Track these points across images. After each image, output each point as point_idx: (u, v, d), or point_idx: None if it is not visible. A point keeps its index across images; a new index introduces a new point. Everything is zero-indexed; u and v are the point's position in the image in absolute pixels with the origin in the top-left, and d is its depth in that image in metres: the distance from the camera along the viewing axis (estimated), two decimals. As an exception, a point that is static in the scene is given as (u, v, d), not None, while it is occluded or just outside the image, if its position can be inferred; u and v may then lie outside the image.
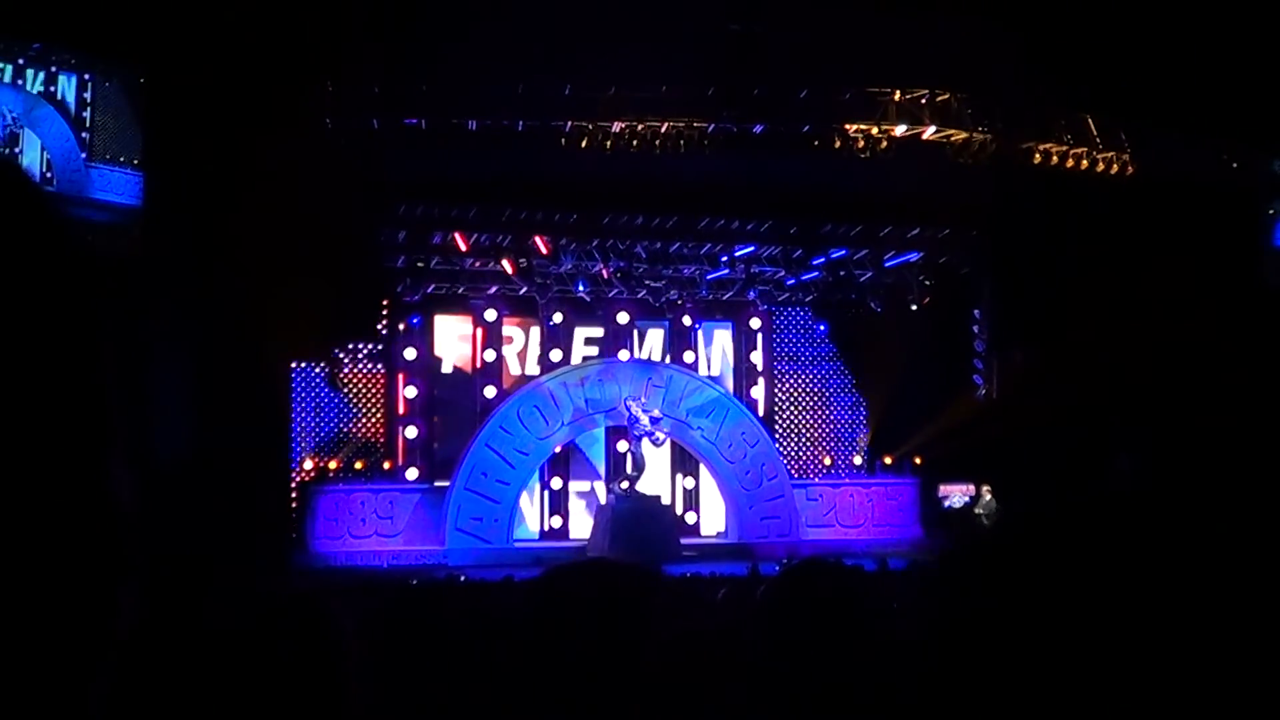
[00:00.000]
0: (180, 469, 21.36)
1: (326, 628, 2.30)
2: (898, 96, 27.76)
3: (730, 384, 33.75)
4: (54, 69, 25.23)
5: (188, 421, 23.34)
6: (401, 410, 31.72)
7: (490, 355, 32.28)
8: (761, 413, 33.43)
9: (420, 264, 29.72)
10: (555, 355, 32.63)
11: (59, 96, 25.24)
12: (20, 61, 24.87)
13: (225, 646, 2.20)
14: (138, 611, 1.02)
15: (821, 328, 34.42)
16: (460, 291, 31.57)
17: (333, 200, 24.62)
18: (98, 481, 0.99)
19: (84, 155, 25.28)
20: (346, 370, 30.92)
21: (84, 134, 25.37)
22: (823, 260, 31.32)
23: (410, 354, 31.67)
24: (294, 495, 29.01)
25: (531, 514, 32.19)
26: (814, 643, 3.08)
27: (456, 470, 29.57)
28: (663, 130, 26.95)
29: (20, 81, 24.89)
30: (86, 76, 25.51)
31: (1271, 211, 30.89)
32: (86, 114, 25.51)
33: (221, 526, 21.60)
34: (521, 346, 32.89)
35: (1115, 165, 29.28)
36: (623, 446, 31.46)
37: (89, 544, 0.98)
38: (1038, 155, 28.81)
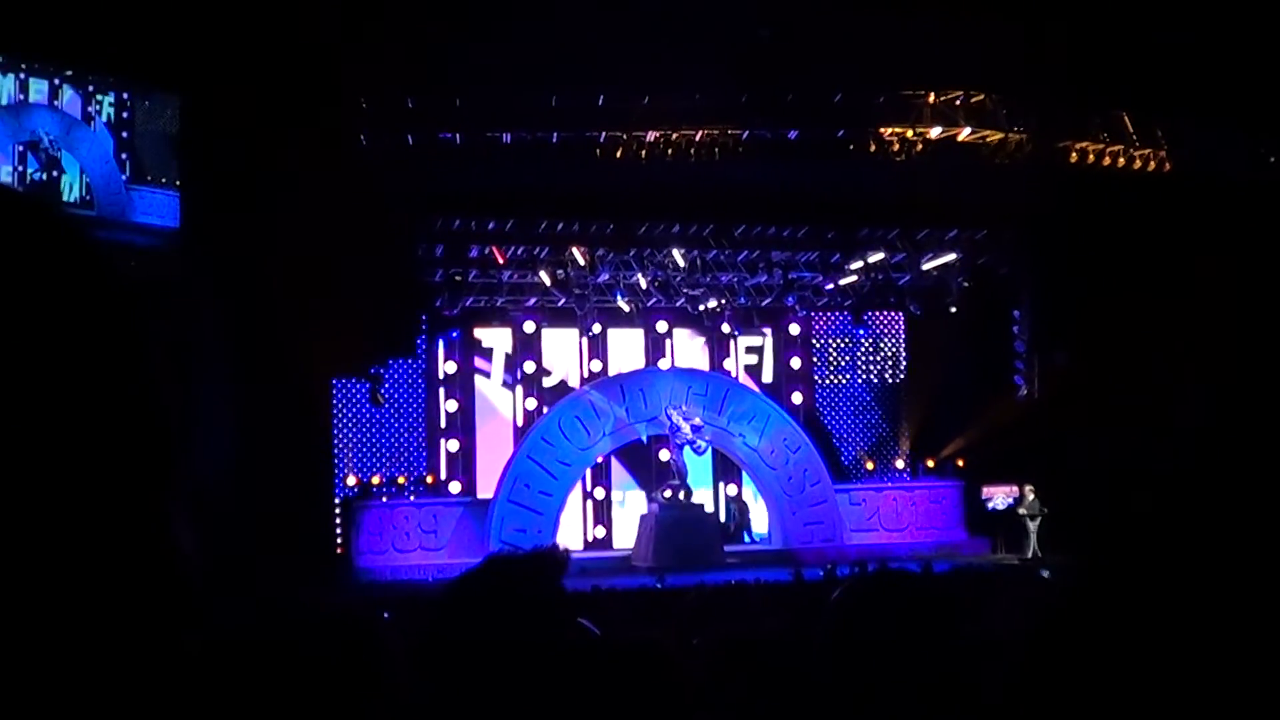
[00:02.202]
0: (224, 486, 21.45)
1: (373, 643, 2.32)
2: (932, 99, 27.67)
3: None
4: (91, 88, 24.71)
5: (230, 438, 23.42)
6: (442, 424, 31.83)
7: (530, 366, 32.40)
8: (802, 418, 33.41)
9: (458, 277, 29.79)
10: (595, 365, 32.78)
11: (98, 117, 24.75)
12: (56, 81, 24.31)
13: (273, 661, 2.22)
14: (200, 653, 1.03)
15: (861, 332, 34.39)
16: (499, 304, 31.65)
17: (369, 216, 24.69)
18: (160, 528, 0.99)
19: (125, 177, 24.82)
20: (387, 385, 31.00)
21: (124, 155, 24.88)
22: (860, 264, 31.29)
23: (450, 367, 31.80)
24: (338, 510, 29.10)
25: (574, 524, 32.28)
26: (889, 649, 3.06)
27: (499, 482, 29.63)
28: (697, 138, 26.94)
29: (57, 102, 24.35)
30: (125, 95, 25.00)
31: (1310, 206, 30.70)
32: (126, 134, 25.00)
33: (266, 543, 21.68)
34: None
35: (1152, 162, 29.12)
36: (665, 455, 31.50)
37: (153, 593, 0.98)
38: (1074, 154, 28.68)
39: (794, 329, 34.64)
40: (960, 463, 32.69)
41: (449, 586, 2.89)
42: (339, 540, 28.67)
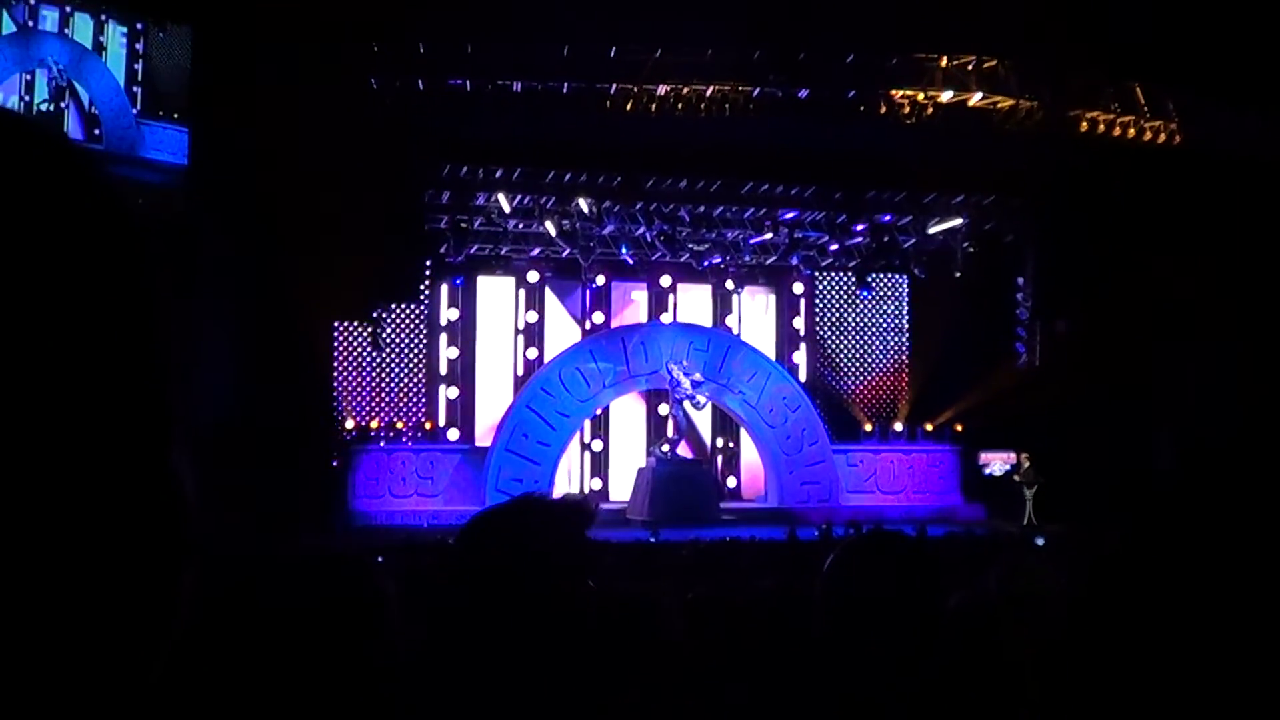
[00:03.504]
0: (222, 428, 21.46)
1: (372, 588, 2.32)
2: (944, 63, 27.59)
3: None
4: (104, 16, 23.81)
5: (231, 381, 23.43)
6: (443, 370, 31.85)
7: (533, 316, 32.43)
8: (803, 377, 33.47)
9: (463, 225, 29.73)
10: (598, 318, 32.78)
11: (111, 46, 23.88)
12: (68, 9, 23.38)
13: (267, 603, 2.22)
14: (196, 594, 1.02)
15: (864, 293, 34.31)
16: (503, 253, 31.62)
17: (376, 160, 24.63)
18: (158, 468, 0.98)
19: (135, 111, 24.12)
20: (389, 330, 31.02)
21: (136, 88, 24.17)
22: (866, 226, 31.23)
23: (452, 314, 31.79)
24: (335, 454, 29.12)
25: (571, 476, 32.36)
26: (880, 608, 3.08)
27: (497, 431, 29.68)
28: (708, 94, 26.86)
29: (67, 30, 23.37)
30: (139, 25, 24.14)
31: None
32: (139, 66, 24.18)
33: (264, 486, 21.70)
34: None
35: (1162, 135, 29.06)
36: (664, 410, 31.54)
37: (151, 533, 0.97)
38: (1084, 124, 28.60)
39: (798, 288, 34.63)
40: (959, 428, 32.73)
41: (475, 518, 2.88)
42: (336, 484, 28.69)
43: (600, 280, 32.48)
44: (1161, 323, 26.18)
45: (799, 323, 34.77)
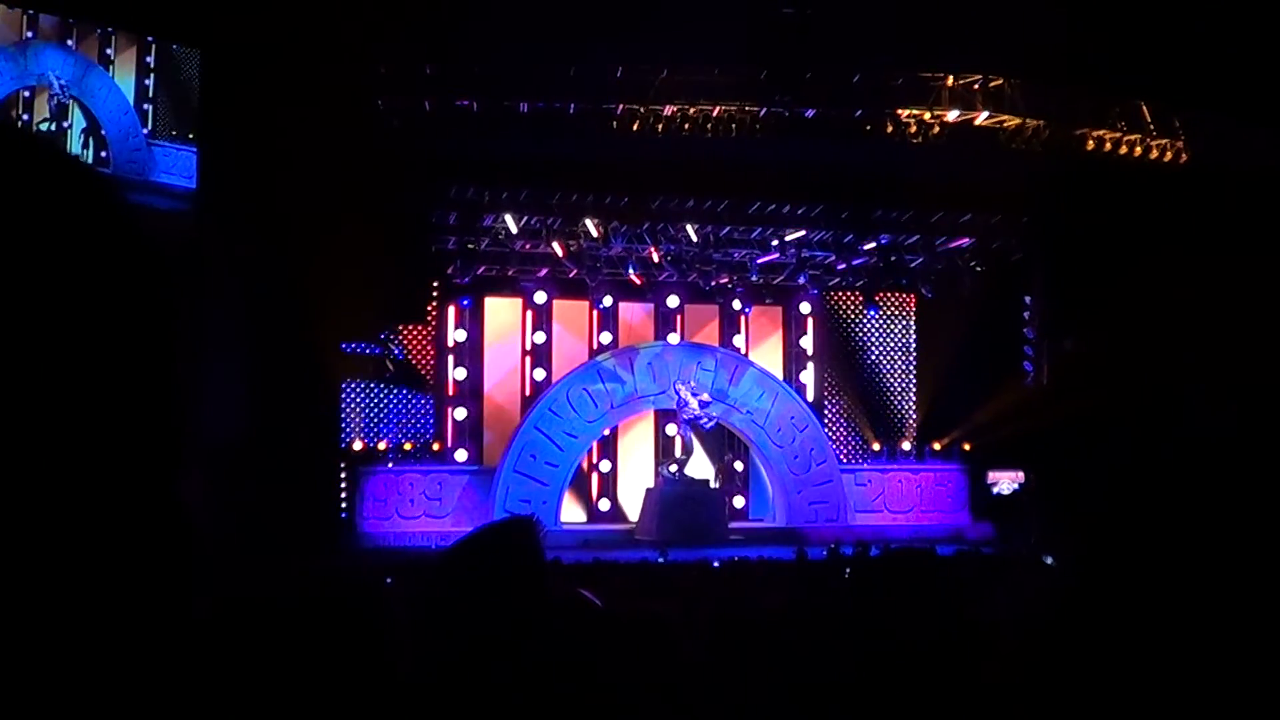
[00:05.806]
0: (232, 449, 21.45)
1: (376, 607, 2.32)
2: (951, 82, 27.60)
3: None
4: (110, 28, 22.15)
5: (239, 402, 23.41)
6: (451, 391, 31.83)
7: (540, 337, 32.41)
8: (811, 397, 33.42)
9: (471, 246, 29.75)
10: (605, 338, 32.77)
11: (117, 60, 22.39)
12: (70, 20, 21.57)
13: (275, 624, 2.22)
14: (204, 618, 1.02)
15: (872, 312, 34.27)
16: (510, 274, 31.62)
17: (384, 181, 24.65)
18: (166, 492, 0.97)
19: (146, 131, 22.78)
20: (396, 351, 31.03)
21: (145, 106, 22.85)
22: (873, 245, 31.21)
23: (460, 335, 31.78)
24: (343, 476, 29.08)
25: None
26: (902, 624, 3.08)
27: (505, 452, 29.64)
28: (714, 114, 26.88)
29: (70, 41, 21.69)
30: (149, 38, 22.55)
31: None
32: (149, 81, 22.74)
33: (272, 507, 21.68)
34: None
35: (1169, 152, 29.05)
36: (672, 430, 31.53)
37: (156, 554, 0.97)
38: (1091, 142, 28.62)
39: (805, 307, 34.61)
40: (967, 447, 32.68)
41: (439, 556, 2.96)
42: (344, 505, 28.66)
43: (607, 301, 32.45)
44: (1171, 340, 26.13)
45: (806, 342, 34.74)
